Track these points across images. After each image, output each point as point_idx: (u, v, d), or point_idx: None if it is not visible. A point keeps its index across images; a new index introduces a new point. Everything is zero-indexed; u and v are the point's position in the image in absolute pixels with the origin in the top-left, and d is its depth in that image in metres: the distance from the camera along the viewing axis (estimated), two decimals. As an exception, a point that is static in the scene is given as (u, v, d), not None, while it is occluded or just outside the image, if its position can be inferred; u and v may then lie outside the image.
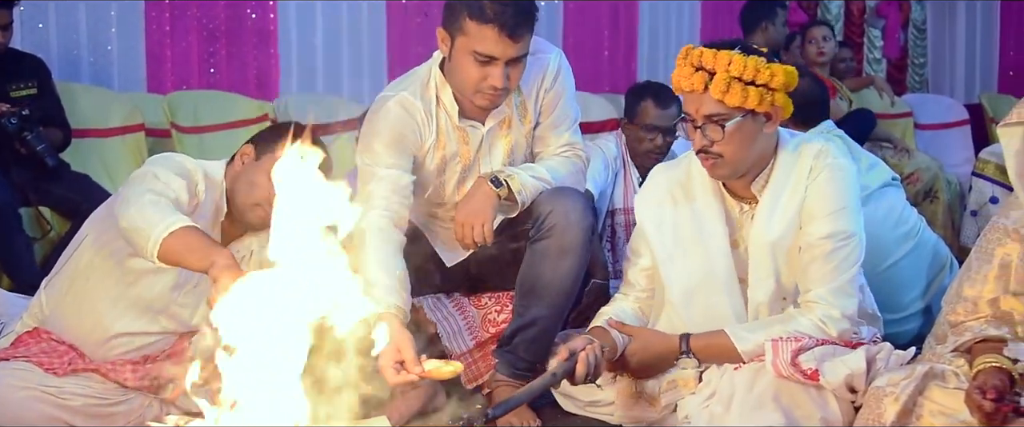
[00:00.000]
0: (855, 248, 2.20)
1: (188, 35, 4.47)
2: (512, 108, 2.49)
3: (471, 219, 2.37)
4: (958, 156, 5.47)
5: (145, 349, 2.32)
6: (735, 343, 2.16)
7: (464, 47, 2.30)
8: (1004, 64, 6.93)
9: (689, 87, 2.14)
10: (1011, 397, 1.80)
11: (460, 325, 2.59)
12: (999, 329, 1.94)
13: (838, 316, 2.15)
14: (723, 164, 2.17)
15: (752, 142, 2.16)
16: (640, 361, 2.26)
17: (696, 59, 2.13)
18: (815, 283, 2.17)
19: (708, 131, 2.13)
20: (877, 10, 6.65)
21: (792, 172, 2.22)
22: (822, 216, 2.18)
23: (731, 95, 2.09)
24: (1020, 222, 1.97)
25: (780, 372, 2.05)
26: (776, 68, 2.12)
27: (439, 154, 2.47)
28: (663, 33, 5.67)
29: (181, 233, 1.96)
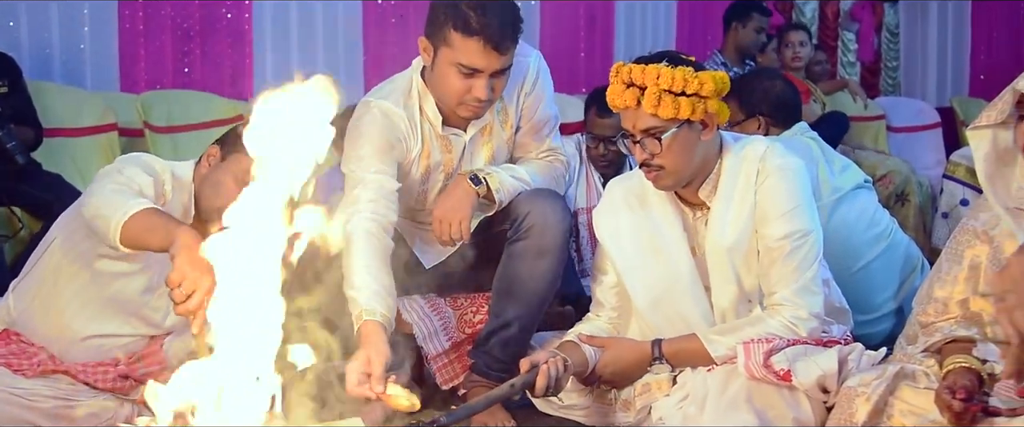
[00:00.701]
0: (813, 245, 2.21)
1: (162, 34, 4.43)
2: (493, 115, 2.50)
3: (449, 215, 2.37)
4: (930, 159, 5.53)
5: (117, 351, 2.29)
6: (707, 346, 2.18)
7: (448, 59, 2.29)
8: (975, 68, 7.01)
9: (623, 104, 2.17)
10: (980, 397, 1.82)
11: (436, 326, 2.58)
12: (968, 330, 1.96)
13: (806, 315, 2.17)
14: (666, 175, 2.19)
15: (692, 151, 2.19)
16: (614, 371, 2.27)
17: (626, 76, 2.15)
18: (779, 285, 2.19)
19: (647, 145, 2.16)
20: (851, 14, 6.71)
21: (739, 176, 2.23)
22: (776, 217, 2.19)
23: (663, 108, 2.12)
24: (989, 224, 1.99)
25: (753, 374, 2.07)
26: (704, 76, 2.15)
27: (424, 164, 2.47)
28: (639, 34, 5.69)
29: (142, 214, 1.92)
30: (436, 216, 2.39)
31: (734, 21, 4.96)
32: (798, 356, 2.07)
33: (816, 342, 2.15)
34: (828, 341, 2.18)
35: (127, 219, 1.92)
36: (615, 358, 2.27)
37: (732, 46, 4.97)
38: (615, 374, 2.28)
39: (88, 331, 2.25)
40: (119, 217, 1.92)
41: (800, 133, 3.26)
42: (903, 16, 6.96)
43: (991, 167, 1.96)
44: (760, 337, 2.14)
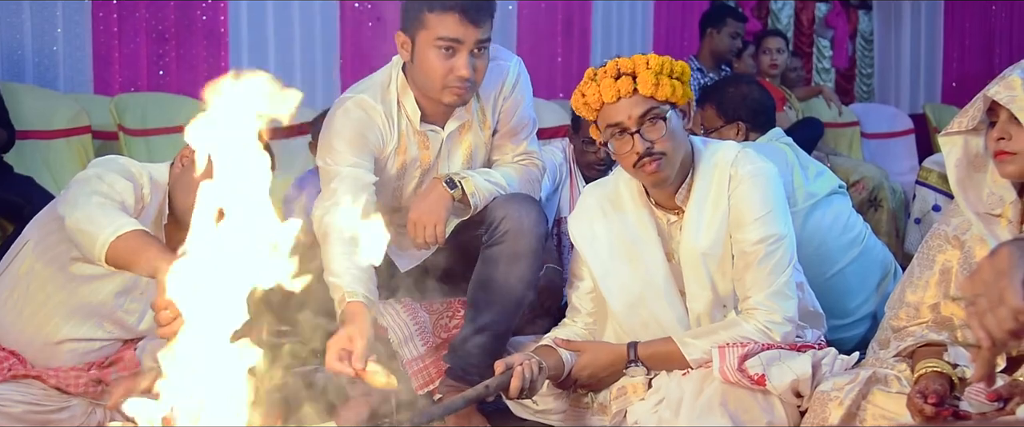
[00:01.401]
0: (787, 249, 2.22)
1: (136, 36, 4.40)
2: (472, 114, 2.51)
3: (424, 218, 2.37)
4: (903, 165, 5.58)
5: (91, 355, 2.27)
6: (682, 349, 2.18)
7: (427, 40, 2.32)
8: (947, 75, 7.09)
9: (615, 95, 2.15)
10: (951, 401, 1.84)
11: (412, 330, 2.58)
12: (940, 334, 1.97)
13: (780, 320, 2.18)
14: (667, 163, 2.17)
15: (683, 138, 2.21)
16: (590, 374, 2.28)
17: (612, 69, 2.16)
18: (753, 289, 2.20)
19: (647, 131, 2.14)
20: (826, 21, 6.77)
21: (711, 182, 2.23)
22: (750, 222, 2.20)
23: (662, 88, 2.13)
24: (960, 229, 2.01)
25: (727, 378, 2.08)
26: (681, 63, 2.21)
27: (400, 158, 2.48)
28: (616, 39, 5.71)
29: (129, 236, 1.92)
30: (411, 219, 2.39)
31: (709, 27, 5.00)
32: (772, 361, 2.08)
33: (790, 347, 2.17)
34: (802, 346, 2.19)
35: (114, 239, 1.92)
36: (591, 361, 2.28)
37: (708, 52, 5.00)
38: (591, 377, 2.28)
39: (61, 334, 2.23)
40: (106, 236, 1.92)
41: (775, 139, 3.28)
42: (877, 23, 7.04)
43: (962, 173, 1.98)
44: (735, 341, 2.15)
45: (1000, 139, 1.86)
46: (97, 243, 1.93)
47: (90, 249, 1.95)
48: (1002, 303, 1.23)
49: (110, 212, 1.99)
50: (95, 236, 1.93)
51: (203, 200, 1.52)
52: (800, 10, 6.69)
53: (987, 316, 1.25)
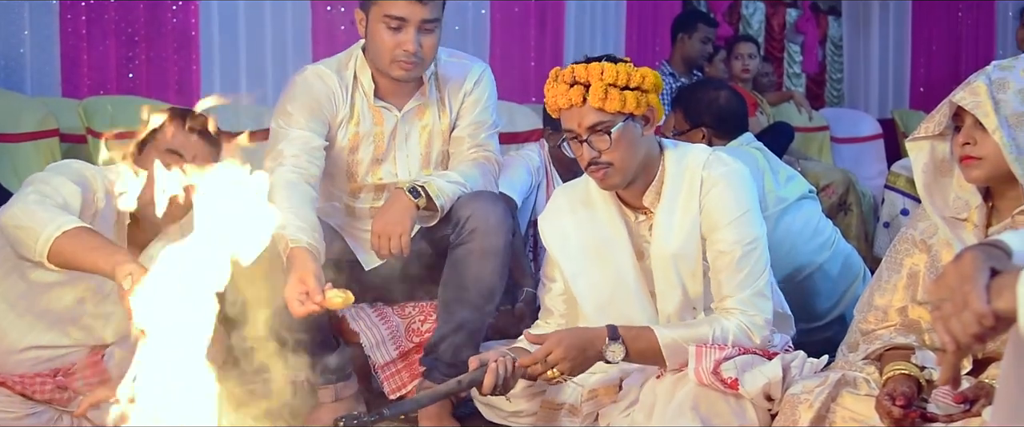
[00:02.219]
0: (763, 251, 2.23)
1: (105, 38, 4.34)
2: (429, 97, 2.56)
3: (388, 229, 2.36)
4: (872, 169, 5.63)
5: (56, 362, 2.24)
6: (659, 339, 2.14)
7: (377, 15, 2.44)
8: (915, 81, 7.17)
9: (567, 103, 2.17)
10: (918, 403, 1.86)
11: (383, 335, 2.57)
12: (907, 337, 1.99)
13: (761, 322, 2.18)
14: (614, 172, 2.19)
15: (636, 146, 2.20)
16: (569, 344, 2.10)
17: (568, 76, 2.17)
18: (732, 290, 2.20)
19: (594, 142, 2.17)
20: (796, 26, 6.83)
21: (682, 183, 2.24)
22: (726, 225, 2.20)
23: (610, 101, 2.14)
24: (927, 233, 2.03)
25: (701, 379, 2.08)
26: (645, 71, 2.19)
27: (353, 129, 2.53)
28: (589, 42, 5.72)
29: (77, 233, 1.89)
30: (375, 230, 2.38)
31: (680, 32, 5.03)
32: (746, 366, 2.09)
33: (762, 353, 2.18)
34: (771, 353, 2.20)
35: (59, 236, 1.89)
36: (569, 333, 2.15)
37: (679, 56, 5.03)
38: (569, 347, 2.11)
39: (25, 342, 2.20)
40: (49, 233, 1.89)
41: (746, 143, 3.30)
42: (846, 29, 7.10)
43: (929, 177, 2.01)
44: (715, 339, 2.14)
45: (965, 144, 1.89)
46: (39, 240, 1.90)
47: (31, 247, 1.92)
48: (966, 307, 1.24)
49: (51, 210, 1.97)
50: (37, 233, 1.90)
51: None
52: (771, 15, 6.74)
53: (952, 320, 1.26)
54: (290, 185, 2.34)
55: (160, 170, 2.14)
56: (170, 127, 2.19)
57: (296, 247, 2.19)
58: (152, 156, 2.19)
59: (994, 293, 1.23)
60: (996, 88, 1.85)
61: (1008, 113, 1.83)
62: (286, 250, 2.20)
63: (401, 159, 2.56)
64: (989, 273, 1.26)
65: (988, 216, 1.95)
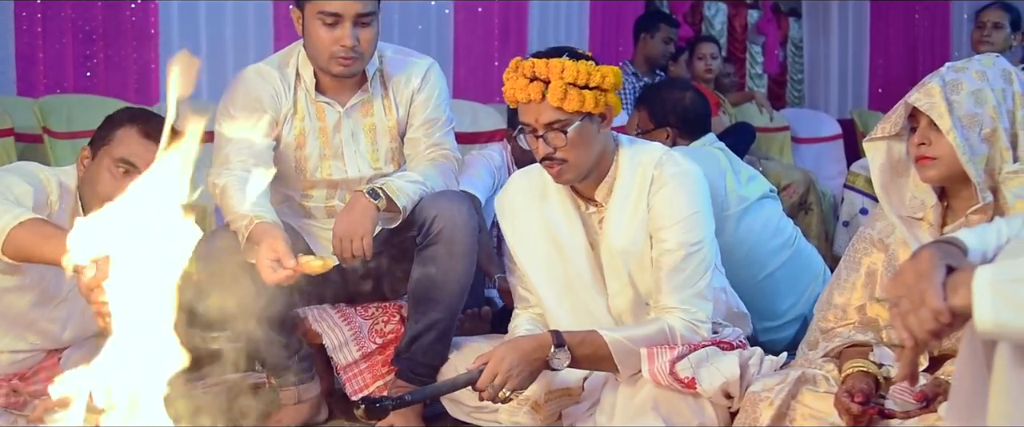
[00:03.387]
0: (707, 254, 2.23)
1: (62, 36, 4.27)
2: (373, 93, 2.56)
3: (350, 232, 2.33)
4: (832, 169, 5.68)
5: (14, 366, 2.21)
6: (607, 342, 2.14)
7: (311, 13, 2.42)
8: (874, 82, 7.26)
9: (526, 98, 2.17)
10: (876, 400, 1.88)
11: (346, 336, 2.55)
12: (866, 335, 2.02)
13: (703, 318, 2.20)
14: (568, 168, 2.21)
15: (592, 143, 2.21)
16: (511, 362, 2.10)
17: (528, 70, 2.16)
18: (671, 290, 2.21)
19: (550, 138, 2.17)
20: (757, 27, 6.89)
21: (634, 181, 2.25)
22: (671, 225, 2.21)
23: (569, 101, 2.13)
24: (884, 232, 2.05)
25: (658, 380, 2.09)
26: (605, 69, 2.18)
27: (298, 126, 2.52)
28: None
29: (31, 223, 1.85)
30: (336, 234, 2.36)
31: (643, 32, 5.06)
32: (702, 362, 2.10)
33: (713, 342, 2.19)
34: (720, 342, 2.21)
35: (15, 226, 1.85)
36: (512, 347, 2.14)
37: (641, 56, 5.06)
38: (512, 366, 2.10)
39: (-19, 347, 2.16)
40: (3, 224, 1.85)
41: (708, 143, 3.33)
42: (806, 30, 7.18)
43: (886, 177, 2.03)
44: (663, 340, 2.15)
45: (920, 144, 1.91)
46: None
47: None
48: (923, 304, 1.26)
49: (5, 203, 1.93)
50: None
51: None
52: (733, 16, 6.79)
53: (909, 317, 1.28)
54: (242, 181, 2.34)
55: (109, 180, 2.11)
56: (124, 134, 2.16)
57: (260, 222, 2.19)
58: (104, 163, 2.16)
59: (950, 290, 1.26)
60: (950, 89, 1.88)
61: (961, 114, 1.86)
62: (249, 227, 2.20)
63: (350, 155, 2.55)
64: (945, 270, 1.28)
65: (943, 215, 1.98)
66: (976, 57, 1.97)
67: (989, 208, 1.87)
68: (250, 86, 2.49)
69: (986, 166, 1.88)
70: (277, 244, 2.10)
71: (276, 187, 2.54)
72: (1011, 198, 1.87)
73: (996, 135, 1.88)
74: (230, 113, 2.47)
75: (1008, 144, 1.88)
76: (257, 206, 2.25)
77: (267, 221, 2.21)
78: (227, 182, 2.34)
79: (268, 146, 2.46)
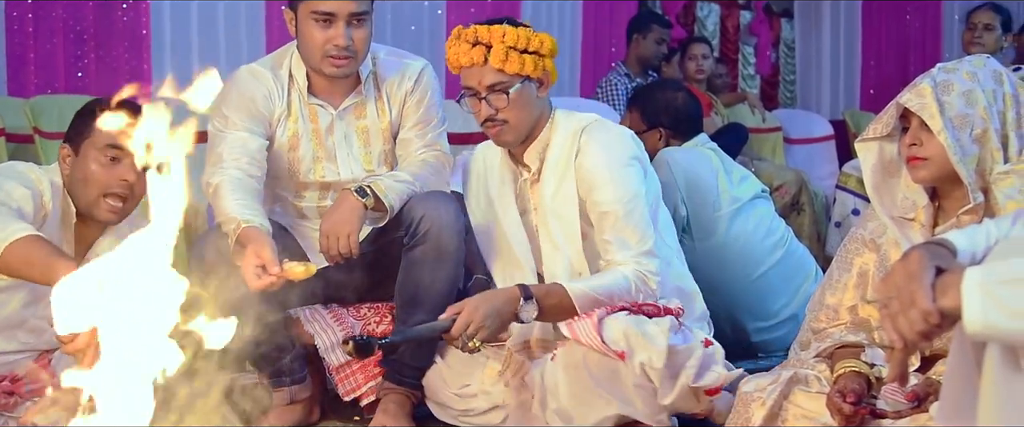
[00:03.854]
0: (644, 206, 2.31)
1: (53, 36, 4.25)
2: (364, 95, 2.56)
3: (336, 229, 2.34)
4: (824, 170, 5.69)
5: (4, 368, 2.20)
6: (570, 292, 2.22)
7: (305, 13, 2.43)
8: (865, 83, 7.27)
9: (469, 62, 2.29)
10: (868, 400, 1.88)
11: (338, 337, 2.54)
12: (857, 335, 2.02)
13: (654, 269, 2.27)
14: (508, 130, 2.33)
15: (532, 107, 2.34)
16: (483, 312, 2.16)
17: (471, 36, 2.30)
18: (619, 247, 2.28)
19: (493, 100, 2.30)
20: (750, 28, 6.90)
21: (563, 149, 2.35)
22: (601, 185, 2.29)
23: (510, 63, 2.27)
24: (876, 233, 2.06)
25: (590, 345, 2.13)
26: (544, 36, 2.33)
27: (291, 127, 2.52)
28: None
29: (24, 242, 1.87)
30: (323, 231, 2.37)
31: (635, 33, 5.07)
32: (629, 331, 2.12)
33: (638, 305, 2.21)
34: (644, 304, 2.23)
35: (8, 245, 1.86)
36: (485, 298, 2.20)
37: (634, 57, 5.06)
38: (484, 317, 2.15)
39: (-28, 347, 2.15)
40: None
41: (701, 144, 3.33)
42: (798, 31, 7.19)
43: (878, 178, 2.04)
44: (621, 289, 2.22)
45: (912, 145, 1.92)
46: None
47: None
48: (913, 305, 1.27)
49: (4, 217, 1.93)
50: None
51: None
52: (725, 17, 6.80)
53: (899, 318, 1.28)
54: (234, 181, 2.35)
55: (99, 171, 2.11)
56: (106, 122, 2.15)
57: (248, 227, 2.20)
58: (90, 155, 2.16)
59: (939, 291, 1.26)
60: (941, 90, 1.88)
61: (953, 114, 1.87)
62: (237, 231, 2.20)
63: (342, 157, 2.55)
64: (934, 271, 1.28)
65: (935, 216, 1.99)
66: (967, 58, 1.98)
67: (980, 209, 1.88)
68: (244, 87, 2.49)
69: (977, 167, 1.89)
70: (262, 250, 2.10)
71: (269, 187, 2.54)
72: (1002, 199, 1.87)
73: (987, 136, 1.88)
74: (223, 113, 2.47)
75: (999, 145, 1.89)
76: (247, 209, 2.26)
77: (255, 225, 2.21)
78: (220, 182, 2.34)
79: (261, 146, 2.46)
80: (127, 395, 1.46)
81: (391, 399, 2.45)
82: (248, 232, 2.19)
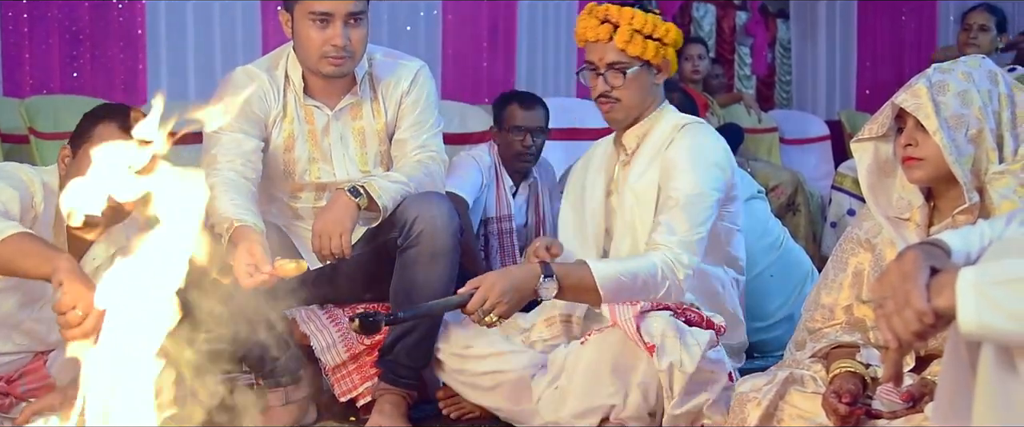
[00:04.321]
0: (708, 207, 2.32)
1: (48, 36, 4.25)
2: (360, 96, 2.56)
3: (329, 229, 2.34)
4: (820, 170, 5.71)
5: (3, 368, 2.20)
6: (594, 272, 2.19)
7: (301, 13, 2.43)
8: (861, 83, 7.29)
9: (594, 37, 2.37)
10: (863, 400, 1.88)
11: (334, 337, 2.55)
12: (853, 335, 2.02)
13: (686, 262, 2.25)
14: (620, 108, 2.40)
15: (645, 90, 2.41)
16: (501, 288, 2.13)
17: (601, 13, 2.37)
18: (664, 230, 2.28)
19: (610, 77, 2.37)
20: (746, 29, 6.90)
21: (662, 136, 2.40)
22: (677, 173, 2.32)
23: (633, 45, 2.35)
24: (871, 233, 2.06)
25: (626, 329, 2.14)
26: (670, 25, 2.41)
27: (287, 128, 2.53)
28: (541, 43, 5.74)
29: (16, 238, 1.85)
30: (315, 230, 2.36)
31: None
32: (667, 332, 2.12)
33: (683, 309, 2.20)
34: (688, 309, 2.23)
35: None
36: (503, 274, 2.19)
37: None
38: (502, 293, 2.13)
39: (-32, 348, 2.15)
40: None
41: (696, 144, 3.33)
42: (794, 32, 7.20)
43: (873, 178, 2.04)
44: (647, 274, 2.20)
45: (907, 145, 1.92)
46: None
47: None
48: (908, 305, 1.27)
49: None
50: None
51: None
52: (721, 18, 6.80)
53: (894, 318, 1.29)
54: (228, 182, 2.36)
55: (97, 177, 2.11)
56: (103, 130, 2.16)
57: (241, 226, 2.20)
58: (87, 160, 2.14)
59: (934, 291, 1.26)
60: (936, 90, 1.88)
61: (948, 115, 1.87)
62: (230, 230, 2.21)
63: (338, 159, 2.55)
64: (929, 271, 1.28)
65: (930, 216, 1.99)
66: (962, 58, 1.98)
67: (975, 209, 1.88)
68: (239, 88, 2.49)
69: (972, 167, 1.89)
70: (254, 248, 2.10)
71: (264, 188, 2.54)
72: (997, 199, 1.87)
73: (982, 136, 1.88)
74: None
75: (994, 145, 1.89)
76: (240, 209, 2.27)
77: (247, 225, 2.21)
78: (214, 183, 2.34)
79: (256, 148, 2.46)
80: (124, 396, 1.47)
81: (387, 400, 2.45)
82: (241, 231, 2.19)
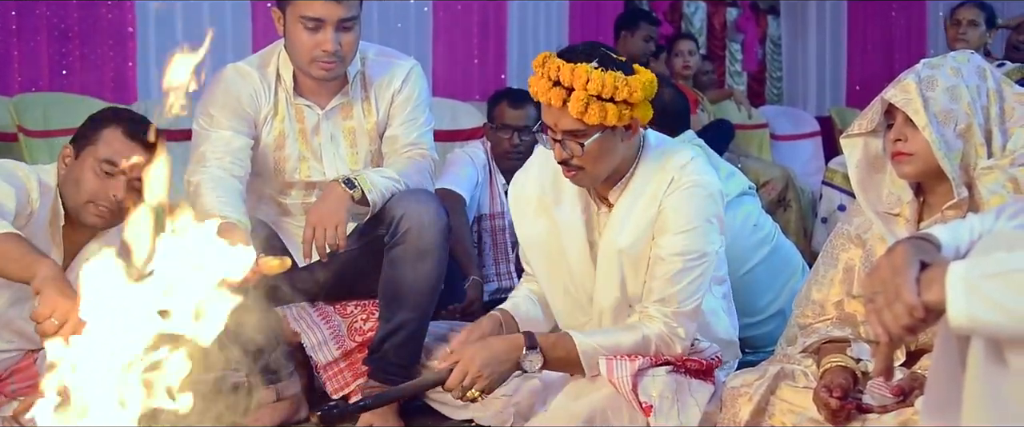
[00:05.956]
0: (707, 269, 2.14)
1: (37, 34, 4.22)
2: (350, 96, 2.56)
3: (324, 221, 2.33)
4: (810, 166, 5.72)
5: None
6: (578, 347, 2.09)
7: (293, 16, 2.42)
8: (851, 79, 7.30)
9: (546, 101, 2.04)
10: (854, 395, 1.89)
11: (325, 335, 2.54)
12: (843, 330, 2.03)
13: (684, 335, 2.13)
14: (584, 176, 2.12)
15: (612, 154, 2.10)
16: (482, 361, 2.03)
17: (553, 72, 2.02)
18: (660, 301, 2.13)
19: (568, 145, 2.06)
20: (736, 25, 6.91)
21: (650, 181, 2.16)
22: (676, 232, 2.11)
23: (590, 114, 2.00)
24: (862, 228, 2.07)
25: (618, 387, 2.04)
26: (634, 82, 2.04)
27: (277, 126, 2.52)
28: (532, 40, 5.73)
29: (2, 240, 1.86)
30: (310, 222, 2.36)
31: (623, 30, 5.07)
32: (666, 392, 2.04)
33: (683, 360, 2.13)
34: (688, 360, 2.13)
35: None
36: (484, 346, 2.07)
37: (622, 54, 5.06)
38: (482, 366, 2.03)
39: (-42, 347, 2.14)
40: None
41: (687, 141, 3.34)
42: (784, 28, 7.22)
43: (863, 174, 2.04)
44: (634, 348, 2.09)
45: (897, 141, 1.93)
46: None
47: None
48: (898, 299, 1.27)
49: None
50: None
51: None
52: (712, 14, 6.81)
53: (884, 312, 1.29)
54: (215, 179, 2.35)
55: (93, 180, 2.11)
56: (109, 135, 2.16)
57: (225, 222, 2.17)
58: (88, 163, 2.15)
59: (924, 286, 1.27)
60: (925, 86, 1.89)
61: (937, 110, 1.88)
62: None
63: (328, 158, 2.55)
64: (919, 266, 1.29)
65: (920, 211, 2.00)
66: (951, 54, 1.98)
67: (964, 204, 1.89)
68: (229, 85, 2.48)
69: (961, 162, 1.90)
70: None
71: (254, 185, 2.53)
72: (986, 193, 1.88)
73: (971, 131, 1.89)
74: (209, 111, 2.46)
75: (983, 140, 1.90)
76: (226, 205, 2.26)
77: (232, 221, 2.20)
78: (201, 180, 2.34)
79: (245, 145, 2.46)
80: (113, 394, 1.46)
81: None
82: (225, 227, 2.17)
